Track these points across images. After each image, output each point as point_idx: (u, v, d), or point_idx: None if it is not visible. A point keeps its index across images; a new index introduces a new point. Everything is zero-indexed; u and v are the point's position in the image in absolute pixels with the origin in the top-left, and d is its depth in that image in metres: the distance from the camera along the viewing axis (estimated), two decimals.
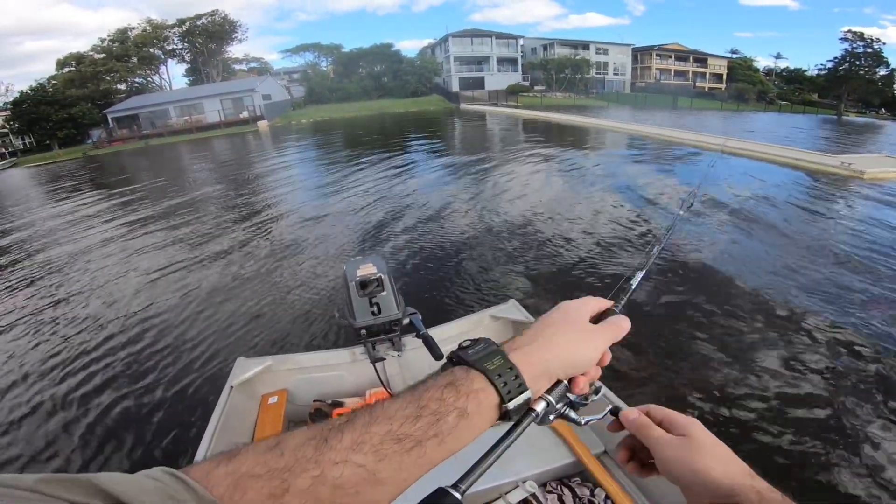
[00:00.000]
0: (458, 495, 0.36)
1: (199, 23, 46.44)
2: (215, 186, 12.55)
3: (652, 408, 0.54)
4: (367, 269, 1.75)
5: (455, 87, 46.88)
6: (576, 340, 0.47)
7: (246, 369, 1.98)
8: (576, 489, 1.50)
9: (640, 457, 0.54)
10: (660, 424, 0.52)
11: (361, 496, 0.36)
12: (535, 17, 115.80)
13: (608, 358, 0.50)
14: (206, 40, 47.20)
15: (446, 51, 48.61)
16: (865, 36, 44.81)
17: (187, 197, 11.08)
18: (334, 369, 2.12)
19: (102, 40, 43.61)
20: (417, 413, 0.39)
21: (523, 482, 1.51)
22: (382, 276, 1.72)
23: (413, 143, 18.38)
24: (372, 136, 21.88)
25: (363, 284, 1.70)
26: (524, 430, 0.44)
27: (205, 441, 1.59)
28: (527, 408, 0.44)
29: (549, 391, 0.46)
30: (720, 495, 0.44)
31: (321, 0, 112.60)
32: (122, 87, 44.52)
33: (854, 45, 45.16)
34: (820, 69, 49.87)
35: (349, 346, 2.14)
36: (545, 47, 51.02)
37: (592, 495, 1.47)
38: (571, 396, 0.49)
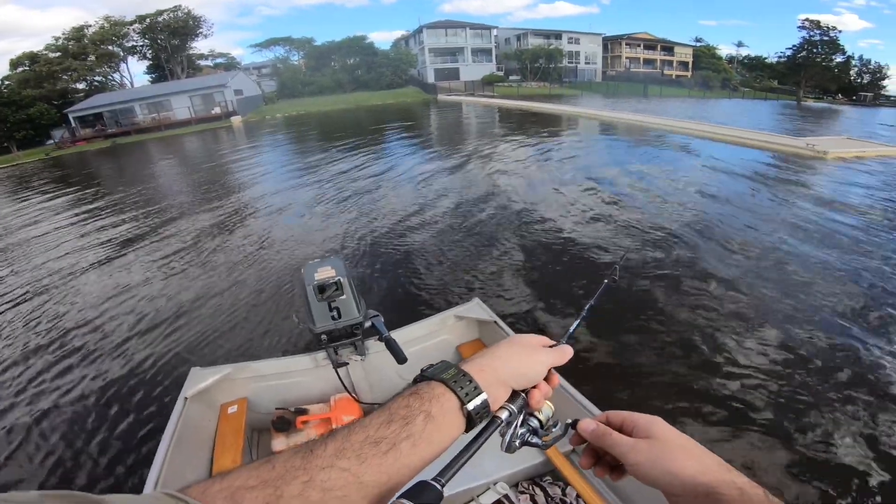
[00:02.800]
0: (438, 486, 0.39)
1: (160, 18, 44.64)
2: (186, 185, 12.06)
3: (610, 414, 0.54)
4: (326, 273, 1.70)
5: (430, 78, 46.73)
6: (520, 354, 0.54)
7: (201, 379, 1.90)
8: (547, 488, 1.51)
9: (606, 460, 0.53)
10: (620, 428, 0.52)
11: (349, 499, 0.38)
12: (506, 7, 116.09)
13: (557, 380, 0.56)
14: (169, 36, 45.43)
15: (420, 42, 48.31)
16: (822, 24, 46.78)
17: (148, 196, 10.56)
18: (296, 376, 2.06)
19: (57, 39, 41.48)
20: (389, 419, 0.43)
21: (495, 484, 1.52)
22: (341, 279, 1.66)
23: (396, 134, 18.31)
24: (353, 129, 21.66)
25: (321, 288, 1.64)
26: (493, 432, 0.49)
27: (160, 453, 1.51)
28: (491, 414, 0.49)
29: (509, 402, 0.51)
30: (700, 493, 0.44)
31: None
32: (81, 86, 42.50)
33: (811, 34, 47.04)
34: (780, 57, 51.95)
35: (310, 352, 2.08)
36: (519, 37, 51.28)
37: (564, 494, 1.48)
38: (533, 423, 0.53)
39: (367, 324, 1.72)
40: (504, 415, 0.50)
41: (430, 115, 27.47)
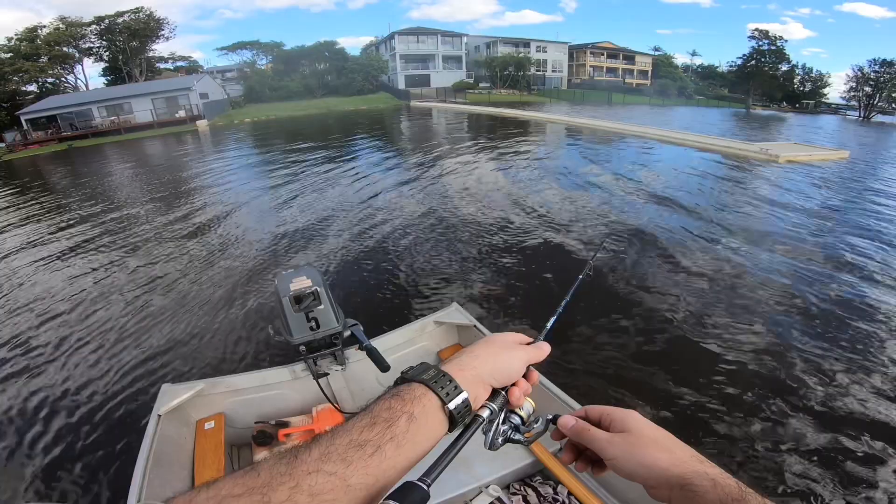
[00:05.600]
0: (424, 486, 0.39)
1: (119, 20, 42.95)
2: (147, 191, 11.31)
3: (589, 409, 0.56)
4: (301, 283, 1.66)
5: (401, 84, 46.97)
6: (498, 353, 0.55)
7: (174, 396, 1.83)
8: (539, 488, 1.52)
9: (588, 455, 0.54)
10: (598, 423, 0.54)
11: (338, 502, 0.38)
12: (473, 14, 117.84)
13: (536, 377, 0.58)
14: (128, 38, 43.75)
15: (392, 49, 48.53)
16: (770, 34, 50.06)
17: (110, 203, 9.90)
18: (274, 388, 2.02)
19: (9, 39, 39.36)
20: (372, 422, 0.43)
21: (486, 487, 1.52)
22: (318, 289, 1.63)
23: (373, 138, 18.38)
24: (329, 134, 21.55)
25: (298, 299, 1.61)
26: (476, 431, 0.49)
27: (137, 475, 1.47)
28: (473, 413, 0.49)
29: (490, 400, 0.52)
30: (674, 484, 0.45)
31: None
32: (32, 87, 40.35)
33: (760, 43, 50.23)
34: (730, 66, 55.10)
35: (289, 364, 2.05)
36: (488, 45, 52.31)
37: (556, 493, 1.49)
38: (515, 420, 0.54)
39: (347, 333, 1.71)
40: (485, 413, 0.51)
41: (407, 120, 27.64)
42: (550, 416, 0.56)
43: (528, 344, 0.59)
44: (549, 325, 0.66)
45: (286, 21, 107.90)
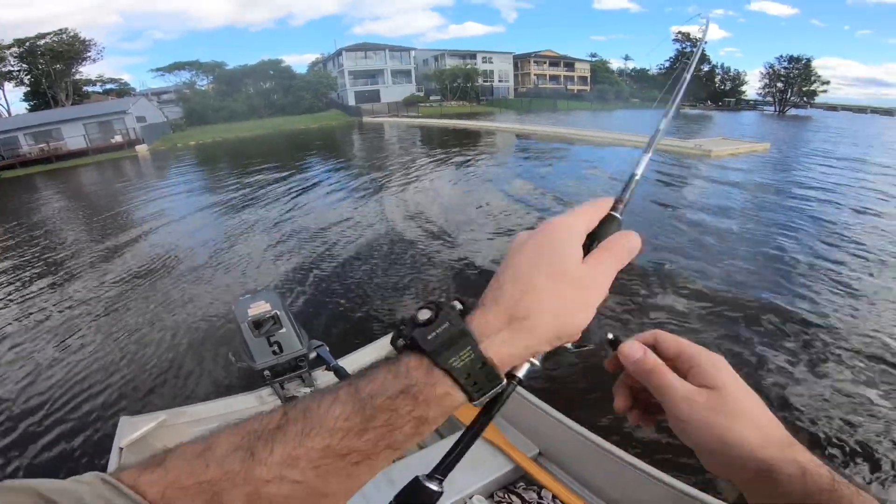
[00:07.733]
0: (435, 487, 0.33)
1: (41, 42, 40.32)
2: (86, 223, 10.72)
3: (661, 337, 0.41)
4: (260, 308, 1.63)
5: (351, 101, 46.89)
6: (571, 306, 0.35)
7: (134, 428, 1.76)
8: (523, 494, 1.49)
9: (641, 398, 0.42)
10: (675, 362, 0.39)
11: None
12: (417, 28, 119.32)
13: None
14: (51, 60, 41.12)
15: (339, 65, 48.43)
16: (691, 36, 54.07)
17: (46, 238, 9.32)
18: (241, 415, 2.08)
19: None
20: (363, 426, 0.31)
21: (470, 497, 1.49)
22: (278, 313, 1.61)
23: (327, 157, 18.33)
24: (279, 154, 21.20)
25: (257, 324, 1.59)
26: (499, 410, 0.37)
27: None
28: (506, 397, 0.37)
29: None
30: (751, 469, 0.35)
31: (179, 18, 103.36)
32: None
33: (683, 46, 54.32)
34: (660, 68, 59.15)
35: (254, 390, 1.98)
36: (436, 58, 53.25)
37: (540, 497, 1.46)
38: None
39: (312, 354, 1.70)
40: (522, 372, 0.37)
41: (360, 137, 27.66)
42: (611, 337, 0.41)
43: (605, 222, 0.40)
44: (631, 188, 0.43)
45: (223, 41, 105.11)
